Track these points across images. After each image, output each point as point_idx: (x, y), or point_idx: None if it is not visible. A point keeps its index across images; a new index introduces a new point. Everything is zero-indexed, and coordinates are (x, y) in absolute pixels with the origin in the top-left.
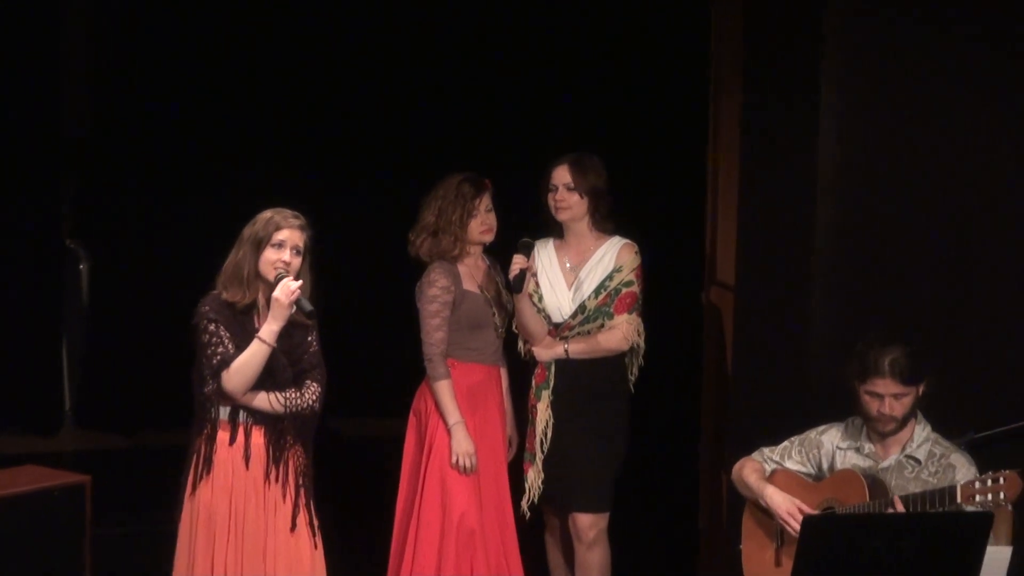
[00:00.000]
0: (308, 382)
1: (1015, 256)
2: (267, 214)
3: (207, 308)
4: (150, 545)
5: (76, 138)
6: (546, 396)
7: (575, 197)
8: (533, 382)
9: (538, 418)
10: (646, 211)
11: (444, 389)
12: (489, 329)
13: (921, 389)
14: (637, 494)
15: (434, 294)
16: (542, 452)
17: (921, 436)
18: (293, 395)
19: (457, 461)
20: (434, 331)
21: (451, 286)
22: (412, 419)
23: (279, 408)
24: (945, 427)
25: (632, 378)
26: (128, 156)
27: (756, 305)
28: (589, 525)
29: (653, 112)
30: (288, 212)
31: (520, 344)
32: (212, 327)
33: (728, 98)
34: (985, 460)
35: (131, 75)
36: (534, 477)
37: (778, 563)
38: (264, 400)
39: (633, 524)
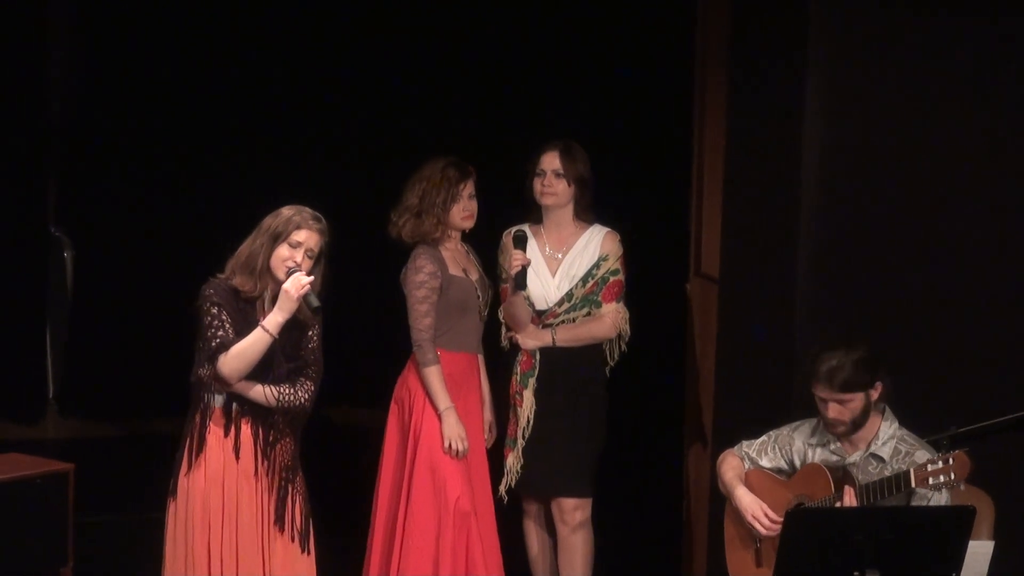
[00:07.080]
0: (302, 380)
1: (1002, 245)
2: (291, 211)
3: (211, 292)
4: (133, 534)
5: (62, 125)
6: (532, 383)
7: (562, 184)
8: (518, 369)
9: (523, 405)
10: (631, 200)
11: (434, 374)
12: (475, 313)
13: (874, 393)
14: (622, 484)
15: (422, 280)
16: (523, 439)
17: (887, 433)
18: (287, 391)
19: (450, 446)
20: (423, 317)
21: (438, 271)
22: (394, 407)
23: (272, 402)
24: (927, 423)
25: (611, 363)
26: (114, 143)
27: (740, 297)
28: (574, 508)
29: (638, 101)
30: (310, 213)
31: (503, 332)
32: (215, 310)
33: (714, 88)
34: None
35: (118, 61)
36: (513, 462)
37: (759, 564)
38: (260, 392)
39: (617, 514)
